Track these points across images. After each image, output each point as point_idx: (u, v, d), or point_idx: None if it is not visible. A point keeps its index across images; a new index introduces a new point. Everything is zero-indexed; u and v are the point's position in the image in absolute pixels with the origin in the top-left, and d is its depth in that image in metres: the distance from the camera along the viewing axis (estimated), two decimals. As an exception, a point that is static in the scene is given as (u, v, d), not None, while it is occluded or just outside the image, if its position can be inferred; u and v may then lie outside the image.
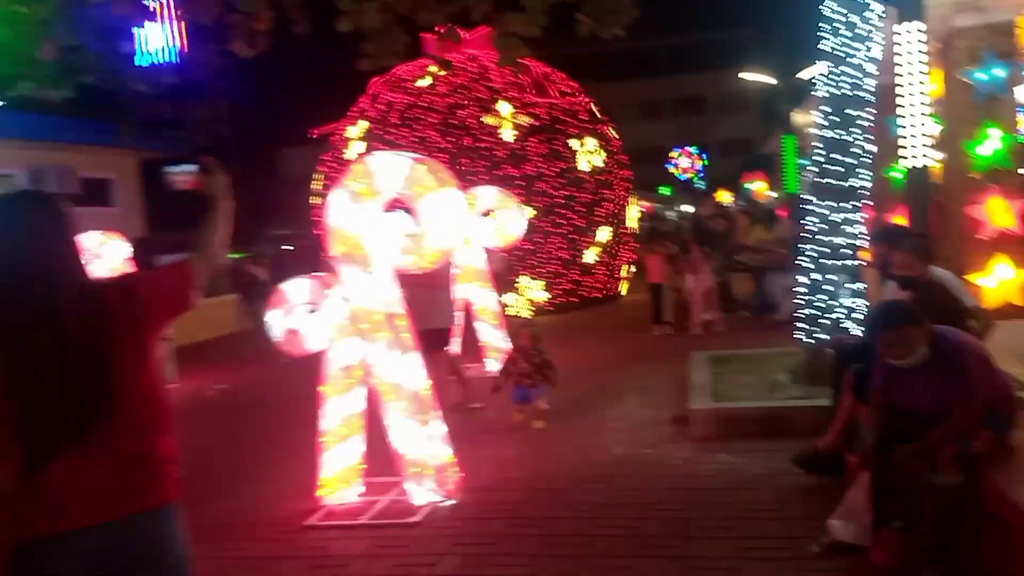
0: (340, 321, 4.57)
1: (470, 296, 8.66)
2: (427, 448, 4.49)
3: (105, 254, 9.27)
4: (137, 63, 15.77)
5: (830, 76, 5.94)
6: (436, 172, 4.22)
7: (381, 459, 4.80)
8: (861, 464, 3.40)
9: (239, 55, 7.26)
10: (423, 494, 4.52)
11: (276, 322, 4.63)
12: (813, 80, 6.29)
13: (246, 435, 6.89)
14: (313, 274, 4.68)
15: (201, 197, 2.42)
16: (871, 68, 5.90)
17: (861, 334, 5.65)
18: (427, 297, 5.53)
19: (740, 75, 21.64)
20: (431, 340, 4.72)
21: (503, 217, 8.47)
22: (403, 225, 4.35)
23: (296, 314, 4.60)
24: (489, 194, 8.45)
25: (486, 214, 8.51)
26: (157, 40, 11.70)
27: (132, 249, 5.92)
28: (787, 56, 21.43)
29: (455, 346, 8.03)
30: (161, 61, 19.07)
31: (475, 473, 4.97)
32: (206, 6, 6.86)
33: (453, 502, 4.50)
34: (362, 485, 4.83)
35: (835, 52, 5.88)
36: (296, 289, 4.60)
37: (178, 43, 12.61)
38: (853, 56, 5.83)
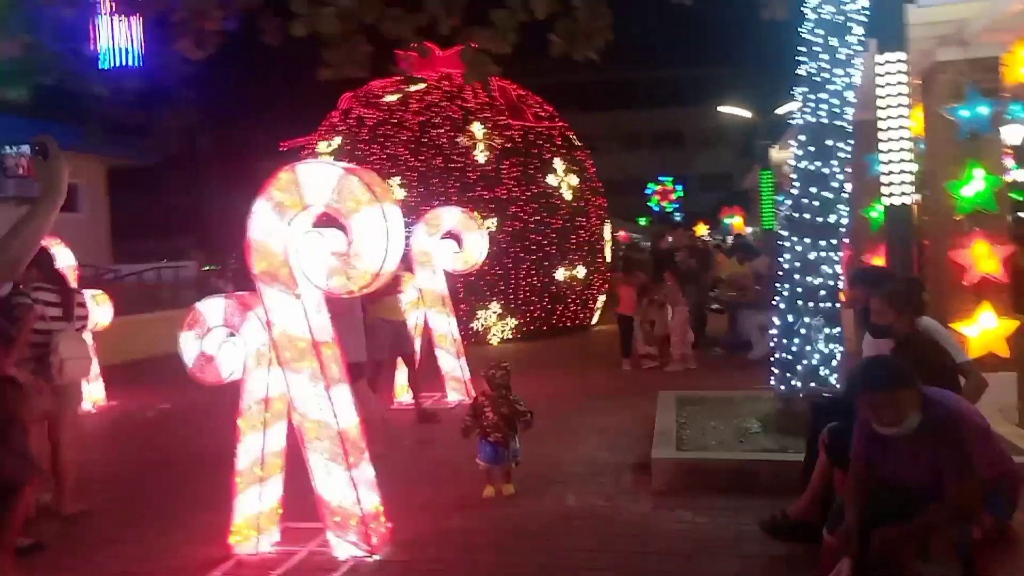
0: (259, 348, 4.06)
1: (429, 322, 8.19)
2: (351, 495, 3.97)
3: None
4: (100, 66, 15.21)
5: (807, 103, 5.58)
6: (370, 184, 3.74)
7: (306, 502, 4.27)
8: (840, 547, 2.93)
9: (189, 56, 6.87)
10: (345, 547, 3.99)
11: (188, 345, 4.11)
12: (790, 115, 5.93)
13: (173, 463, 6.31)
14: (232, 293, 4.16)
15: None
16: (850, 96, 5.56)
17: (838, 386, 5.25)
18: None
19: (719, 109, 21.50)
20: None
21: (466, 240, 8.02)
22: (332, 243, 3.86)
23: (211, 337, 4.08)
24: (451, 215, 8.01)
25: (447, 236, 8.06)
26: (112, 40, 11.23)
27: None
28: (766, 92, 21.38)
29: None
30: (124, 65, 18.55)
31: (407, 523, 4.44)
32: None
33: (378, 558, 3.98)
34: (278, 533, 4.29)
35: (813, 77, 5.53)
36: (211, 309, 4.09)
37: (137, 46, 12.14)
38: (832, 82, 5.48)
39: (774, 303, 5.76)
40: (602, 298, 14.89)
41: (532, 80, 15.20)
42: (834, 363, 5.42)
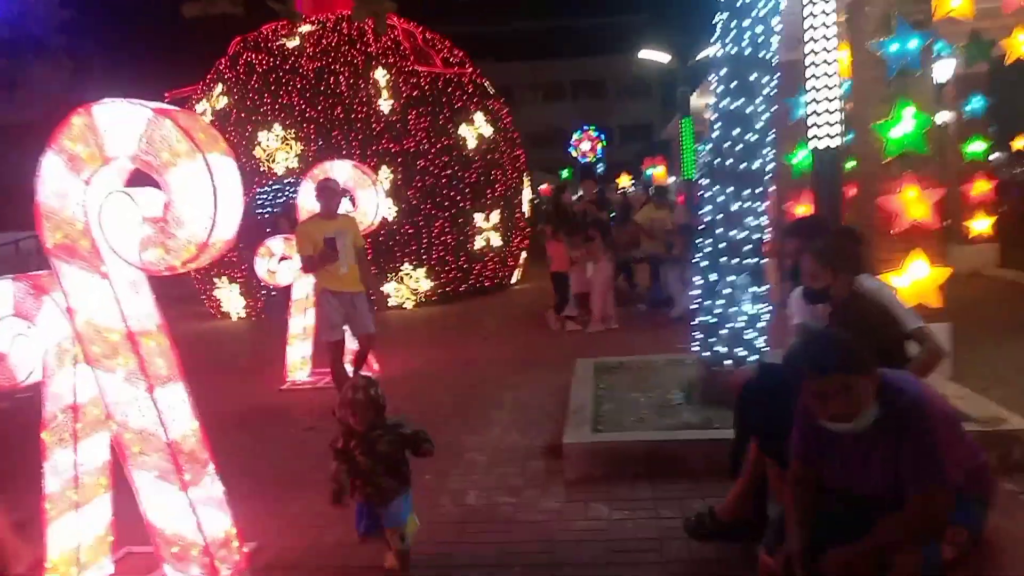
0: (62, 342, 3.21)
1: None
2: (190, 520, 3.21)
3: None
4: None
5: (728, 32, 4.92)
6: (189, 130, 2.91)
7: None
8: (781, 573, 2.36)
9: None
10: (187, 582, 3.25)
11: (-29, 342, 3.22)
12: (711, 60, 5.25)
13: (19, 472, 5.35)
14: (23, 274, 3.27)
15: None
16: (775, 24, 4.94)
17: (769, 352, 4.73)
18: None
19: (640, 56, 20.88)
20: None
21: (359, 198, 7.17)
22: (145, 206, 3.02)
23: (0, 331, 3.20)
24: (342, 169, 7.13)
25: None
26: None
27: None
28: (687, 39, 20.86)
29: None
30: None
31: (275, 540, 3.74)
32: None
33: (229, 592, 3.26)
34: (111, 564, 3.51)
35: (735, 2, 4.87)
36: (-3, 296, 3.21)
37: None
38: (755, 6, 4.83)
39: (694, 261, 5.19)
40: (523, 255, 14.26)
41: (445, 29, 14.22)
42: (760, 325, 4.90)
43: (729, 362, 4.73)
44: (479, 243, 12.60)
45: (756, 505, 3.17)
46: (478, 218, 12.52)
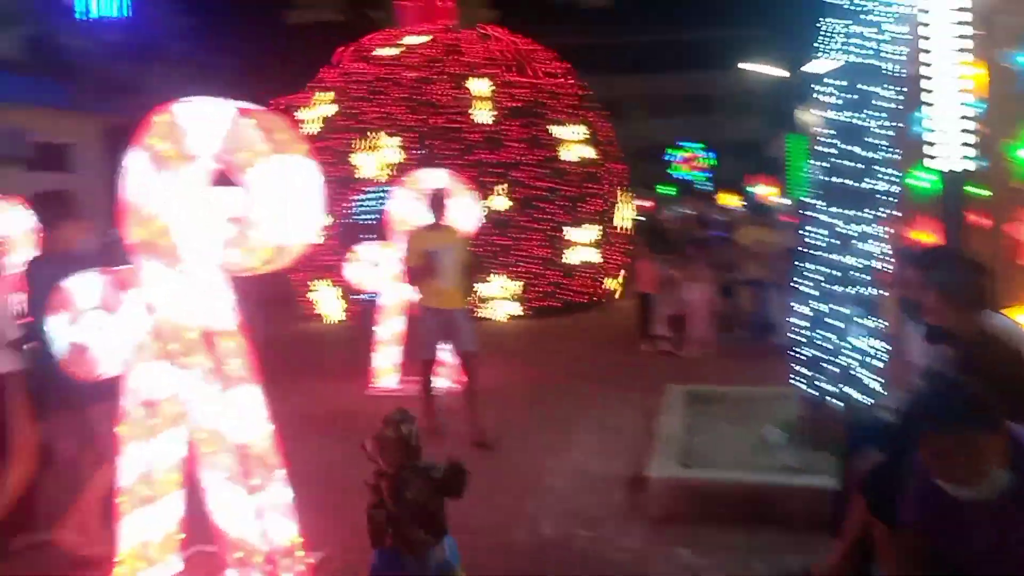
0: (141, 337, 3.22)
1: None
2: (255, 525, 3.14)
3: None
4: (79, 16, 14.42)
5: (842, 39, 4.55)
6: (269, 130, 2.86)
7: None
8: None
9: None
10: (250, 589, 3.18)
11: (58, 333, 3.28)
12: (823, 69, 4.90)
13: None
14: (108, 268, 3.30)
15: None
16: (895, 30, 4.53)
17: (883, 397, 4.29)
18: None
19: (745, 68, 20.14)
20: None
21: (454, 207, 7.09)
22: (229, 205, 2.99)
23: (84, 323, 3.24)
24: (437, 178, 7.08)
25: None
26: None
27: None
28: (795, 54, 20.00)
29: None
30: (111, 16, 17.73)
31: (344, 553, 3.64)
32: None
33: (290, 605, 3.17)
34: (180, 562, 3.50)
35: (852, 3, 4.50)
36: (84, 288, 3.24)
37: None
38: (870, 10, 4.45)
39: (799, 289, 4.80)
40: (621, 271, 13.91)
41: (552, 40, 14.14)
42: (872, 362, 4.46)
43: (836, 401, 4.33)
44: (574, 258, 12.38)
45: (859, 571, 2.81)
46: (574, 232, 12.31)
